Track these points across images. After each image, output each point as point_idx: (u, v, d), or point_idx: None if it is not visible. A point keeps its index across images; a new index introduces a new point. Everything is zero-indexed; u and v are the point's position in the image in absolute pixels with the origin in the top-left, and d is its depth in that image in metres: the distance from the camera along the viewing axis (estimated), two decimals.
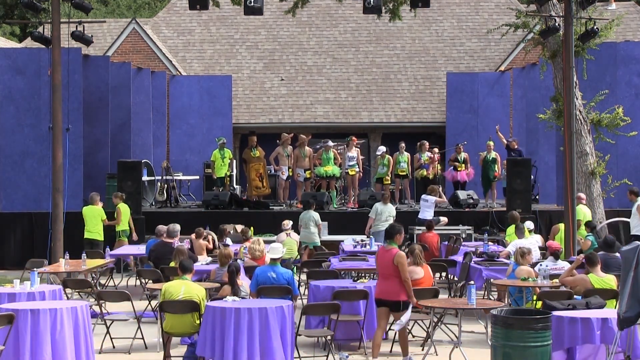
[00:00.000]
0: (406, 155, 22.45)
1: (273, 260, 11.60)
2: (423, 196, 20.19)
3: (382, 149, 22.55)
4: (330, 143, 22.16)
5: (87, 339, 10.01)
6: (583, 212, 17.39)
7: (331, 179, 22.05)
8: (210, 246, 16.50)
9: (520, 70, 26.39)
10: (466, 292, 10.93)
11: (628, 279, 8.56)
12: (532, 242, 15.26)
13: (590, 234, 16.20)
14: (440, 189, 21.25)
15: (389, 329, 11.77)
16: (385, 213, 18.70)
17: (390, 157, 22.24)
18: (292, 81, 29.94)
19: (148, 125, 25.65)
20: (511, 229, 16.32)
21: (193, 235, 16.43)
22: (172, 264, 13.82)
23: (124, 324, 12.34)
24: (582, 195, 18.23)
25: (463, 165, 22.77)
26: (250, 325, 9.56)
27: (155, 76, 26.52)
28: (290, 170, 21.95)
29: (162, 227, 15.98)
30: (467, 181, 22.92)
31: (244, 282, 11.92)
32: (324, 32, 31.31)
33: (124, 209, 18.55)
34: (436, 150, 23.27)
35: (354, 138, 22.62)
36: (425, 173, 22.63)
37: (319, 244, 18.50)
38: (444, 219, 19.45)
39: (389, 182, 22.24)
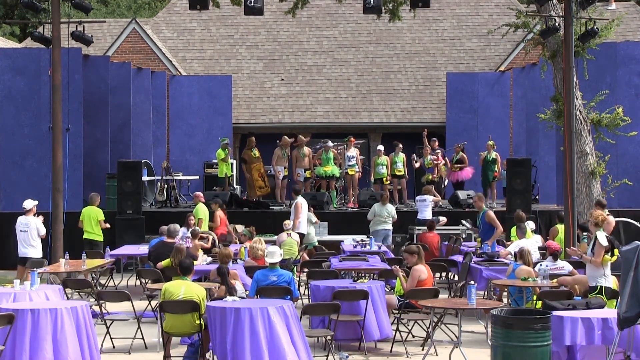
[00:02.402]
0: (402, 156, 22.44)
1: (272, 264, 11.62)
2: (419, 197, 20.19)
3: (381, 147, 22.53)
4: (330, 143, 22.17)
5: (89, 338, 10.00)
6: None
7: (331, 179, 22.06)
8: (207, 246, 16.51)
9: (520, 70, 26.38)
10: (466, 292, 10.93)
11: (628, 279, 8.56)
12: (533, 242, 15.25)
13: (585, 235, 16.16)
14: (433, 188, 21.22)
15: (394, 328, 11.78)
16: (384, 213, 18.67)
17: (387, 157, 22.24)
18: (292, 81, 29.94)
19: (148, 125, 25.64)
20: (515, 229, 16.29)
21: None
22: (167, 261, 13.85)
23: (124, 324, 12.35)
24: (199, 193, 19.14)
25: (458, 165, 22.79)
26: (250, 325, 9.55)
27: (155, 76, 26.52)
28: (286, 170, 21.96)
29: (165, 227, 15.99)
30: (464, 181, 22.89)
31: (237, 282, 11.94)
32: (324, 32, 31.32)
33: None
34: (439, 152, 23.23)
35: (352, 138, 22.63)
36: (430, 177, 22.60)
37: (317, 243, 18.51)
38: (443, 219, 19.44)
39: (389, 182, 22.24)
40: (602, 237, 10.81)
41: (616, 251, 11.10)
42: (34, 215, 16.17)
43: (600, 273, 10.77)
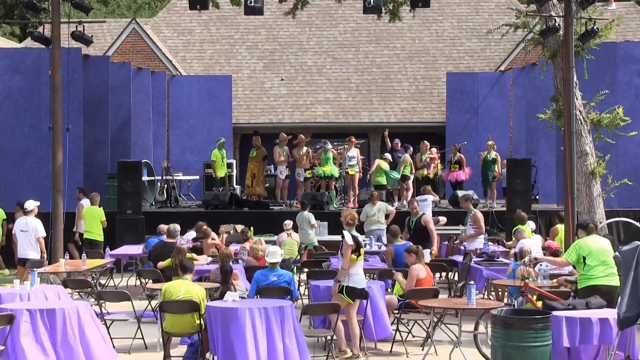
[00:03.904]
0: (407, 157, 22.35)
1: (272, 264, 11.61)
2: (419, 197, 20.14)
3: (388, 156, 22.35)
4: (329, 145, 22.14)
5: (97, 336, 9.99)
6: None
7: (330, 179, 22.04)
8: (222, 244, 16.52)
9: (520, 70, 26.39)
10: (466, 292, 10.94)
11: (628, 279, 8.56)
12: (534, 242, 15.25)
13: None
14: (430, 188, 21.22)
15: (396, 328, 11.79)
16: (377, 213, 18.55)
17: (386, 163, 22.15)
18: (292, 81, 29.95)
19: (148, 125, 25.65)
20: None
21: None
22: (168, 262, 13.85)
23: (124, 324, 12.35)
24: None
25: (457, 165, 22.77)
26: (249, 325, 9.55)
27: (155, 76, 26.52)
28: (287, 169, 21.96)
29: (163, 227, 15.99)
30: (462, 181, 22.85)
31: (239, 282, 11.95)
32: (324, 32, 31.32)
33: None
34: (434, 150, 23.25)
35: (353, 139, 22.62)
36: (425, 172, 22.64)
37: (317, 243, 18.48)
38: (442, 219, 19.41)
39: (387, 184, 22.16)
40: (348, 236, 10.77)
41: (362, 250, 11.06)
42: (35, 216, 16.15)
43: (344, 272, 10.81)
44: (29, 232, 15.93)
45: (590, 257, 10.64)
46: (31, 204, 16.06)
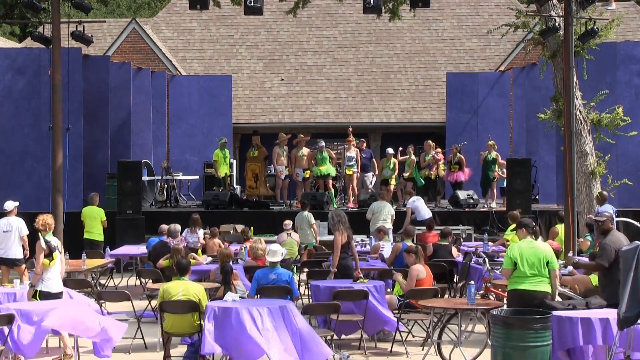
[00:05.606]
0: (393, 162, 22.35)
1: (272, 263, 11.61)
2: (413, 198, 20.11)
3: (390, 151, 22.44)
4: (322, 143, 22.14)
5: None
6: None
7: (327, 178, 22.05)
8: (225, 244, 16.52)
9: (520, 70, 26.39)
10: (466, 292, 10.93)
11: (628, 279, 8.55)
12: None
13: (588, 234, 16.19)
14: (411, 185, 21.28)
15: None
16: (384, 212, 18.59)
17: (395, 160, 22.21)
18: (292, 81, 29.95)
19: (148, 125, 25.65)
20: (510, 229, 16.30)
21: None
22: (167, 262, 13.86)
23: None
24: None
25: (457, 166, 22.77)
26: (250, 325, 9.55)
27: (155, 76, 26.52)
28: (287, 169, 21.98)
29: (164, 227, 15.99)
30: (461, 182, 22.83)
31: (239, 282, 11.95)
32: (324, 32, 31.32)
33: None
34: (439, 150, 23.27)
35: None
36: (427, 173, 22.65)
37: (316, 243, 18.47)
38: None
39: (394, 183, 22.22)
40: (42, 241, 10.94)
41: (55, 255, 11.05)
42: (16, 216, 15.94)
43: (37, 277, 10.95)
44: (12, 232, 15.68)
45: (521, 262, 10.30)
46: (10, 205, 15.79)
